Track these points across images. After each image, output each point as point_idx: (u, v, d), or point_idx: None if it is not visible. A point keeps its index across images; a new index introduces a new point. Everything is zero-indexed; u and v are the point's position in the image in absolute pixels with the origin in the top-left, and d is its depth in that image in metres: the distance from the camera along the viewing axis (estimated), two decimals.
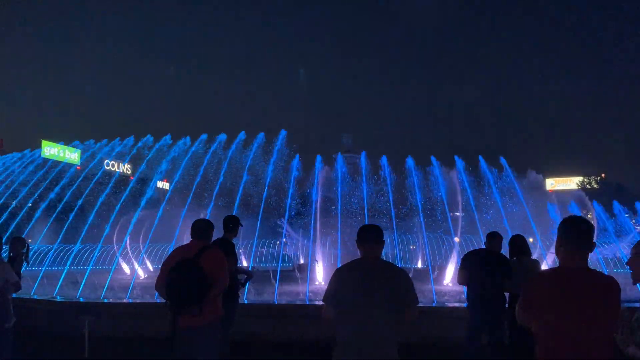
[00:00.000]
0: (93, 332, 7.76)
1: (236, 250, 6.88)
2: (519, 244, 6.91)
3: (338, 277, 3.71)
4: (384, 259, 3.89)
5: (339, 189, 18.31)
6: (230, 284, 5.33)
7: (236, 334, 6.72)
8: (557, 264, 2.87)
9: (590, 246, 2.80)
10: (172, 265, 4.61)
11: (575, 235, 2.81)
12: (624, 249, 18.39)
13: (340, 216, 16.94)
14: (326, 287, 3.77)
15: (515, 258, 6.81)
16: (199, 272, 4.53)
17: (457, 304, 9.07)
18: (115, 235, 20.63)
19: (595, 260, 19.11)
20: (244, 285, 7.02)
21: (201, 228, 5.09)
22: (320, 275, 18.07)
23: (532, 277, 2.96)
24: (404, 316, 3.60)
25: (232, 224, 6.71)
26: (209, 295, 4.56)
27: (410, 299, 3.62)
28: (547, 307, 2.72)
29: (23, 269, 8.62)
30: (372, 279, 3.57)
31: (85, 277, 13.14)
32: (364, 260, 3.74)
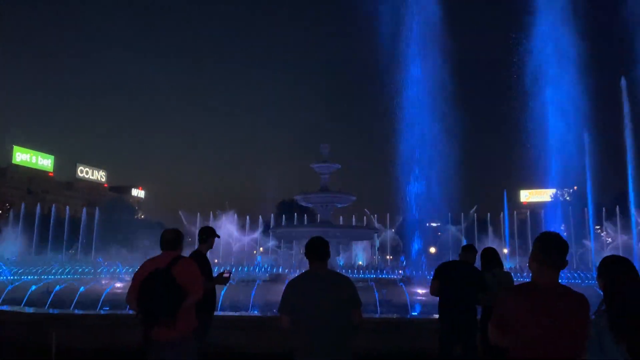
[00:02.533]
0: (63, 344, 7.58)
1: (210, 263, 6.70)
2: (491, 256, 7.00)
3: (291, 289, 4.14)
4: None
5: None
6: (205, 296, 5.26)
7: (211, 347, 6.64)
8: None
9: (563, 264, 2.85)
10: (145, 276, 4.55)
11: (548, 251, 2.86)
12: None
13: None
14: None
15: (487, 270, 6.88)
16: (171, 282, 4.46)
17: (430, 316, 9.13)
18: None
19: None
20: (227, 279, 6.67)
21: (171, 238, 4.96)
22: None
23: (503, 293, 2.99)
24: (352, 319, 4.03)
25: (205, 235, 6.55)
26: (183, 306, 4.51)
27: (355, 302, 4.05)
28: (519, 323, 2.77)
29: None
30: (321, 288, 3.99)
31: (56, 287, 12.86)
32: (312, 272, 4.14)
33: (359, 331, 4.16)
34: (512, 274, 7.28)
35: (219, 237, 6.74)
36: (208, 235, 6.59)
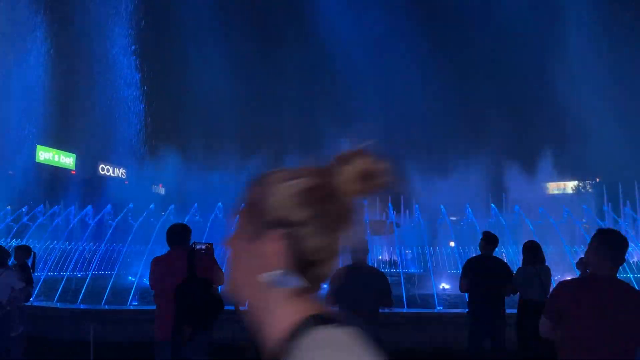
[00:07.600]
0: (96, 339, 7.77)
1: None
2: (534, 251, 6.84)
3: (337, 278, 4.74)
4: None
5: None
6: None
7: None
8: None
9: (622, 260, 2.88)
10: (183, 284, 4.53)
11: (608, 248, 2.88)
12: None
13: None
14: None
15: (530, 265, 6.77)
16: (215, 292, 4.66)
17: (458, 310, 9.15)
18: None
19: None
20: None
21: (178, 233, 4.97)
22: None
23: (559, 285, 3.00)
24: (384, 303, 5.19)
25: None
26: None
27: (388, 291, 5.16)
28: (574, 315, 2.78)
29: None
30: (363, 280, 5.01)
31: (87, 282, 13.18)
32: (355, 266, 5.01)
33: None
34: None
35: None
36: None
